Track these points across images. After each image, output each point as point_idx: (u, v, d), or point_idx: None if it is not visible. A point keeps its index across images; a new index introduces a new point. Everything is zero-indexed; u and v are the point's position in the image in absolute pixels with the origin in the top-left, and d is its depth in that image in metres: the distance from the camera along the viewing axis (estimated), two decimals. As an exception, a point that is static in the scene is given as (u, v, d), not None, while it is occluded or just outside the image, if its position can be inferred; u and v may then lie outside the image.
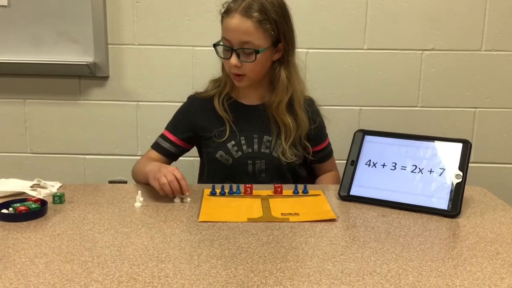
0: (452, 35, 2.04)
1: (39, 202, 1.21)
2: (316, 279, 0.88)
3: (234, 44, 1.42)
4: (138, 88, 2.10)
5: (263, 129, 1.53)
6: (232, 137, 1.52)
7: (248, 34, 1.41)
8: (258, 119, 1.54)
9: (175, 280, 0.87)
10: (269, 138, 1.53)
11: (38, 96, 2.10)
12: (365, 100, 2.10)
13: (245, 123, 1.53)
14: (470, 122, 2.11)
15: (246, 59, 1.43)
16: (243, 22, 1.40)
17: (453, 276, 0.90)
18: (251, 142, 1.52)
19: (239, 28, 1.41)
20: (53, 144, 2.14)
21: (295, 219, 1.18)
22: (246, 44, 1.42)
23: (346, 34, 2.04)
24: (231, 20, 1.41)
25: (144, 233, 1.08)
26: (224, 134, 1.52)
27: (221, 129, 1.53)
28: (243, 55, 1.43)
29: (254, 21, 1.40)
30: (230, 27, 1.42)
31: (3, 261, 0.94)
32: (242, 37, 1.41)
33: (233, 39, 1.42)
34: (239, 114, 1.54)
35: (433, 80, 2.08)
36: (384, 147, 1.37)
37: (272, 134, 1.53)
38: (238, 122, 1.53)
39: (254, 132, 1.53)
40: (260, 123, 1.53)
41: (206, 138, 1.55)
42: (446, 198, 1.25)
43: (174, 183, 1.28)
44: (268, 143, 1.52)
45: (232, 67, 1.44)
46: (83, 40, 2.02)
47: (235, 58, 1.43)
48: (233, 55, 1.43)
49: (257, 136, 1.52)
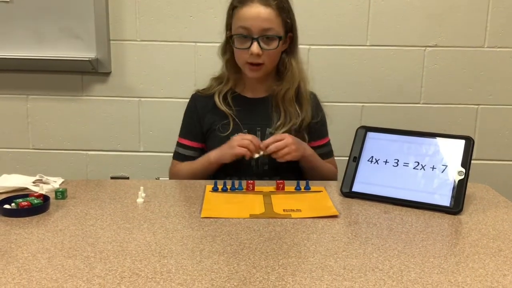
0: (455, 32, 2.03)
1: (41, 198, 1.21)
2: (318, 275, 0.88)
3: (254, 33, 1.44)
4: (140, 84, 2.10)
5: (266, 122, 1.54)
6: (235, 130, 1.52)
7: (270, 21, 1.43)
8: (262, 111, 1.55)
9: (177, 276, 0.87)
10: (272, 130, 1.53)
11: (40, 92, 2.10)
12: (368, 97, 2.09)
13: (248, 116, 1.54)
14: (473, 119, 2.11)
15: (268, 46, 1.45)
16: (264, 9, 1.43)
17: (456, 273, 0.90)
18: (254, 135, 1.52)
19: (260, 16, 1.42)
20: (55, 140, 2.15)
21: (297, 215, 1.17)
22: (268, 31, 1.44)
23: (348, 31, 2.04)
24: (250, 9, 1.43)
25: (146, 229, 1.08)
26: (228, 127, 1.52)
27: (225, 122, 1.53)
28: (264, 42, 1.45)
29: (274, 8, 1.44)
30: (250, 15, 1.43)
31: (6, 256, 0.94)
32: (264, 24, 1.43)
33: (254, 27, 1.43)
34: (243, 108, 1.55)
35: (435, 77, 2.07)
36: (386, 144, 1.37)
37: (274, 125, 1.53)
38: (242, 116, 1.54)
39: (257, 125, 1.54)
40: (263, 115, 1.54)
41: (211, 132, 1.56)
42: (448, 195, 1.24)
43: (254, 140, 1.42)
44: (271, 136, 1.52)
45: (252, 56, 1.45)
46: (85, 36, 2.02)
47: (257, 46, 1.44)
48: (254, 43, 1.44)
49: (260, 129, 1.53)
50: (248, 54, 1.46)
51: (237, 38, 1.47)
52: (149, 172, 2.12)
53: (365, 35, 2.04)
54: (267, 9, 1.43)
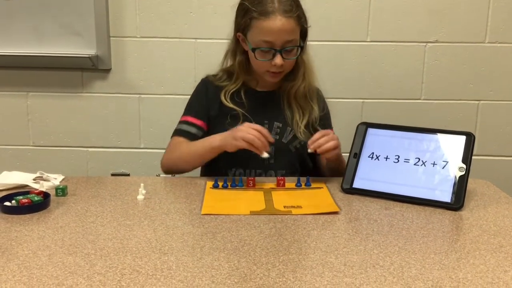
0: (456, 27, 2.03)
1: (41, 195, 1.21)
2: (319, 272, 0.88)
3: (277, 45, 1.41)
4: (140, 81, 2.09)
5: (275, 116, 1.53)
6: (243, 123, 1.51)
7: (292, 33, 1.41)
8: (271, 105, 1.54)
9: (177, 273, 0.87)
10: (279, 124, 1.53)
11: (40, 89, 2.10)
12: (368, 93, 2.09)
13: (257, 110, 1.53)
14: (474, 114, 2.11)
15: (289, 56, 1.44)
16: (288, 23, 1.39)
17: (456, 269, 0.90)
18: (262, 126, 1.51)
19: (284, 29, 1.39)
20: (55, 137, 2.14)
21: (298, 212, 1.17)
22: (290, 42, 1.42)
23: (349, 26, 2.03)
24: (274, 22, 1.38)
25: (146, 226, 1.08)
26: (238, 120, 1.50)
27: (233, 113, 1.51)
28: (285, 53, 1.43)
29: (295, 19, 1.41)
30: (274, 30, 1.39)
31: (6, 253, 0.94)
32: (287, 37, 1.41)
33: (278, 41, 1.40)
34: (252, 101, 1.53)
35: (436, 73, 2.07)
36: (387, 140, 1.37)
37: (283, 120, 1.53)
38: (250, 109, 1.52)
39: (265, 118, 1.53)
40: (272, 109, 1.54)
41: (217, 122, 1.53)
42: (449, 191, 1.24)
43: (262, 138, 1.33)
44: (278, 129, 1.52)
45: (276, 67, 1.44)
46: (85, 33, 2.02)
47: (280, 58, 1.42)
48: (277, 55, 1.42)
49: (268, 123, 1.52)
50: (270, 64, 1.44)
51: (259, 51, 1.44)
52: (149, 169, 2.11)
53: (366, 31, 2.04)
54: (289, 21, 1.39)
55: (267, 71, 1.47)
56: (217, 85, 1.56)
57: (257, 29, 1.41)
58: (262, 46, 1.42)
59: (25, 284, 0.83)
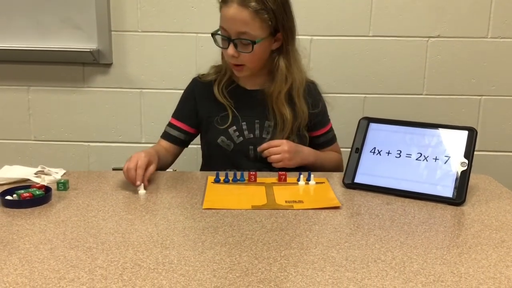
0: (458, 22, 2.02)
1: (43, 189, 1.21)
2: (321, 266, 0.88)
3: (231, 34, 1.41)
4: (141, 76, 2.09)
5: (265, 115, 1.53)
6: (234, 122, 1.51)
7: (245, 25, 1.39)
8: (260, 104, 1.52)
9: (179, 267, 0.87)
10: (271, 123, 1.52)
11: (41, 83, 2.10)
12: (370, 88, 2.08)
13: (246, 108, 1.52)
14: (476, 110, 2.10)
15: (244, 49, 1.42)
16: (240, 12, 1.37)
17: (458, 264, 0.90)
18: (252, 128, 1.51)
19: (235, 18, 1.38)
20: (57, 132, 2.14)
21: (299, 207, 1.17)
22: (243, 34, 1.40)
23: (351, 21, 2.02)
24: (228, 9, 1.39)
25: (148, 220, 1.08)
26: (227, 119, 1.51)
27: (223, 114, 1.52)
28: (240, 45, 1.41)
29: (251, 11, 1.37)
30: (227, 17, 1.40)
31: (8, 247, 0.94)
32: (239, 28, 1.39)
33: (230, 29, 1.40)
34: (241, 99, 1.53)
35: (438, 68, 2.06)
36: (389, 135, 1.36)
37: (274, 119, 1.52)
38: (240, 107, 1.52)
39: (256, 117, 1.52)
40: (262, 108, 1.52)
41: (208, 122, 1.54)
42: (451, 186, 1.24)
43: (131, 172, 1.26)
44: (270, 128, 1.51)
45: (230, 57, 1.43)
46: (86, 27, 2.01)
47: (233, 49, 1.41)
48: (230, 45, 1.41)
49: (259, 122, 1.52)
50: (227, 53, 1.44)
51: (218, 37, 1.45)
52: (151, 163, 2.12)
53: (368, 26, 2.03)
54: (243, 12, 1.37)
55: (231, 63, 1.47)
56: (205, 82, 1.57)
57: (220, 16, 1.43)
58: (220, 32, 1.43)
59: (26, 277, 0.83)
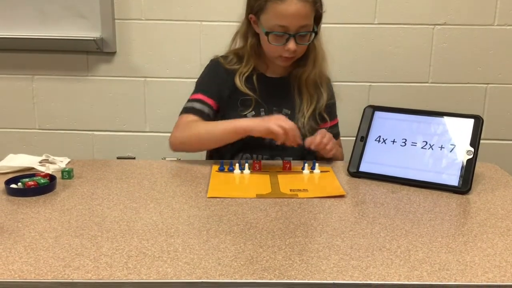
0: (464, 10, 2.00)
1: (48, 177, 1.21)
2: (325, 255, 0.88)
3: (291, 30, 1.40)
4: (145, 64, 2.08)
5: (283, 102, 1.52)
6: (254, 108, 1.50)
7: (307, 18, 1.40)
8: (281, 91, 1.52)
9: (184, 255, 0.87)
10: (288, 111, 1.51)
11: (45, 72, 2.10)
12: (375, 76, 2.07)
13: (266, 96, 1.51)
14: (482, 98, 2.09)
15: (302, 41, 1.43)
16: (303, 7, 1.37)
17: (464, 252, 0.90)
18: (270, 115, 1.50)
19: (299, 13, 1.38)
20: (61, 120, 2.14)
21: (304, 195, 1.17)
22: (303, 28, 1.40)
23: (356, 8, 2.01)
24: (289, 6, 1.37)
25: (153, 209, 1.08)
26: (247, 105, 1.49)
27: (243, 98, 1.50)
28: (299, 38, 1.41)
29: (311, 4, 1.39)
30: (289, 13, 1.37)
31: (13, 235, 0.94)
32: (302, 22, 1.39)
33: (291, 25, 1.39)
34: (261, 87, 1.52)
35: (444, 56, 2.05)
36: (394, 123, 1.36)
37: (292, 106, 1.52)
38: (261, 95, 1.51)
39: (274, 105, 1.52)
40: (281, 96, 1.52)
41: (229, 107, 1.52)
42: (456, 174, 1.23)
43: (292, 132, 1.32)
44: (287, 116, 1.50)
45: (291, 52, 1.42)
46: (90, 15, 2.00)
47: (294, 43, 1.41)
48: (291, 40, 1.40)
49: (276, 109, 1.51)
50: (283, 49, 1.42)
51: (272, 35, 1.42)
52: (155, 152, 2.12)
53: (373, 13, 2.01)
54: (305, 6, 1.38)
55: (279, 56, 1.45)
56: (227, 68, 1.54)
57: (272, 13, 1.39)
58: (276, 30, 1.40)
59: (31, 265, 0.83)
